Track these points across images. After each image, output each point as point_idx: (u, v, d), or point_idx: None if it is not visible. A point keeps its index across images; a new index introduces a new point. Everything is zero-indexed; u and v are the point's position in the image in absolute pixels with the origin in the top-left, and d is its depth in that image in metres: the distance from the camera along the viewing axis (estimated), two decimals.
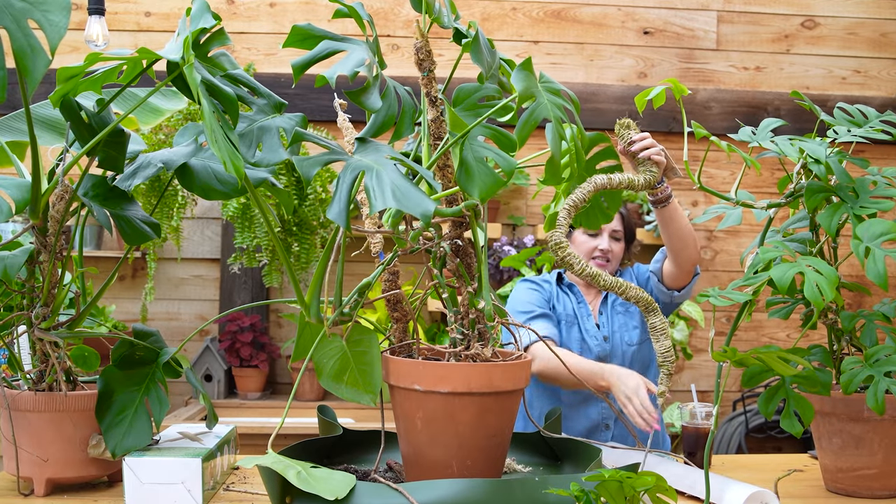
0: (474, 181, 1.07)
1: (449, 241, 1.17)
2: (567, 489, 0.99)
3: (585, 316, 2.35)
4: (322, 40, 1.08)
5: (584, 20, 3.81)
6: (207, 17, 1.16)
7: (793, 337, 3.84)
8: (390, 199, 0.94)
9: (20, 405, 1.35)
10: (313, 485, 1.00)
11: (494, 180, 1.08)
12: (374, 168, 0.99)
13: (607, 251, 2.34)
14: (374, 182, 0.97)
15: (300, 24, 1.08)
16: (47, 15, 0.94)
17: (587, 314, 2.36)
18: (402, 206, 0.93)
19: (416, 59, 1.14)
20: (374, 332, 1.19)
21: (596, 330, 2.34)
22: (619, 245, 2.38)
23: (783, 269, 1.26)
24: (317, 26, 1.09)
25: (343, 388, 1.16)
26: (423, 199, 0.95)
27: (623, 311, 2.40)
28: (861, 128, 1.50)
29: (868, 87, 3.91)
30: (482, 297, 1.17)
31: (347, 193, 0.98)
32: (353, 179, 1.00)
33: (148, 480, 1.27)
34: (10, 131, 1.55)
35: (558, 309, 2.34)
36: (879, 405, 1.33)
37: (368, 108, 1.07)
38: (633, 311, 2.41)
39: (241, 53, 3.69)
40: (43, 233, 1.34)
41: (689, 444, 1.81)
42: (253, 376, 3.46)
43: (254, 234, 3.01)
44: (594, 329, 2.34)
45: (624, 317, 2.39)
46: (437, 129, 1.16)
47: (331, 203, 0.98)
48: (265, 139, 1.09)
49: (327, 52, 1.07)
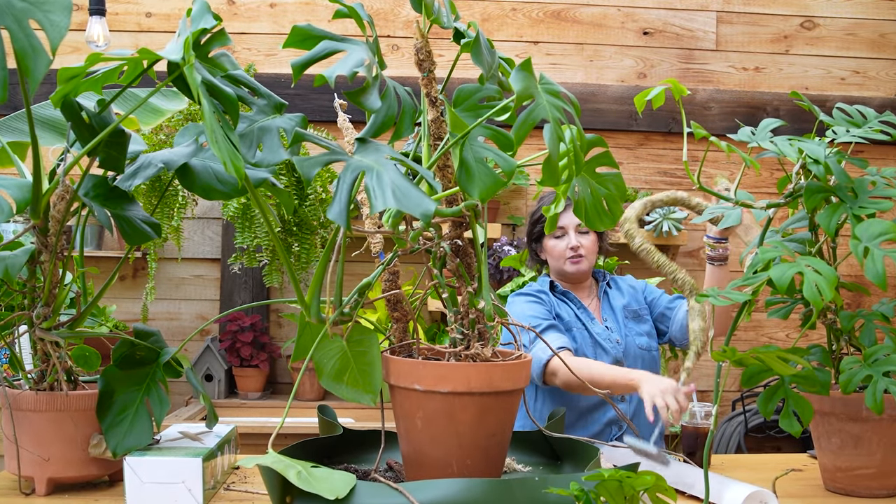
0: (474, 181, 1.07)
1: (449, 241, 1.18)
2: (567, 489, 1.00)
3: (590, 320, 2.35)
4: (322, 41, 1.08)
5: (584, 21, 3.81)
6: (208, 18, 1.16)
7: (792, 337, 3.84)
8: (391, 200, 0.94)
9: (21, 405, 1.35)
10: (314, 484, 1.01)
11: (494, 181, 1.08)
12: (375, 168, 0.99)
13: (577, 247, 2.34)
14: (374, 182, 0.97)
15: (300, 25, 1.08)
16: (48, 15, 0.95)
17: (591, 318, 2.36)
18: (402, 206, 0.94)
19: (416, 59, 1.15)
20: (375, 332, 1.19)
21: (607, 332, 2.34)
22: (588, 238, 2.37)
23: (782, 269, 1.26)
24: (317, 27, 1.09)
25: (343, 388, 1.17)
26: (424, 199, 0.95)
27: (631, 316, 2.40)
28: (860, 128, 1.50)
29: (867, 88, 3.91)
30: (482, 297, 1.17)
31: (348, 193, 0.99)
32: (354, 180, 1.00)
33: (149, 480, 1.28)
34: (11, 132, 1.56)
35: (564, 317, 2.33)
36: (878, 405, 1.33)
37: (368, 108, 1.08)
38: (645, 317, 2.41)
39: (241, 54, 3.69)
40: (44, 233, 1.35)
41: (688, 443, 1.82)
42: (253, 376, 3.47)
43: (254, 234, 3.02)
44: (605, 332, 2.34)
45: (633, 322, 2.39)
46: (437, 129, 1.17)
47: (331, 203, 0.98)
48: (265, 139, 1.09)
49: (326, 52, 1.08)
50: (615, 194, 1.21)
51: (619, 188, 1.22)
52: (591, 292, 2.46)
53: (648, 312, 2.45)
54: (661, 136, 3.81)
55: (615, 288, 2.48)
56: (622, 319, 2.38)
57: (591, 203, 1.18)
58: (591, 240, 2.37)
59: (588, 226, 1.21)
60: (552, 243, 2.38)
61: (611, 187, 1.22)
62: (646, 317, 2.43)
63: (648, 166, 3.82)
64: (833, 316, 1.48)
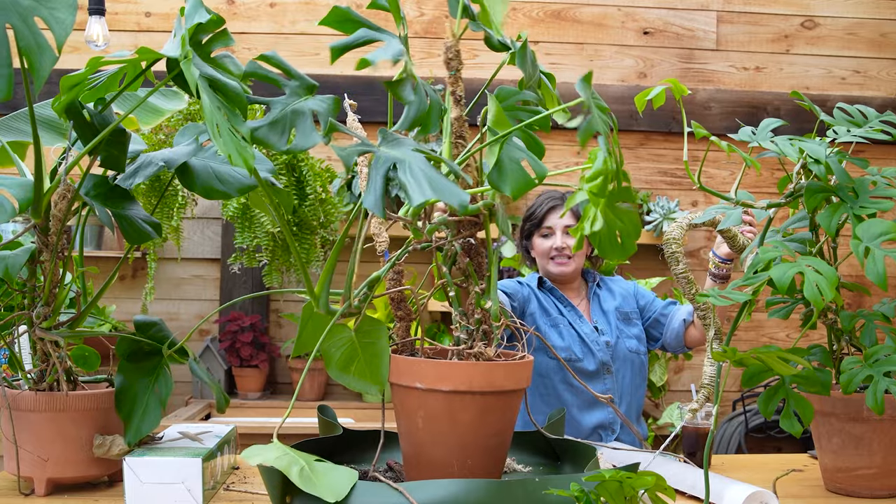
0: (507, 178, 1.08)
1: (461, 240, 1.18)
2: (567, 489, 1.00)
3: (577, 318, 2.35)
4: (360, 27, 1.09)
5: (584, 20, 3.81)
6: (202, 13, 1.16)
7: (792, 337, 3.84)
8: (428, 191, 0.95)
9: (21, 405, 1.35)
10: (315, 483, 1.00)
11: (527, 180, 1.09)
12: (406, 160, 1.00)
13: (562, 248, 2.34)
14: (408, 174, 0.98)
15: (340, 6, 1.09)
16: (54, 13, 0.95)
17: (578, 316, 2.35)
18: (441, 196, 0.95)
19: (445, 57, 1.16)
20: (384, 324, 1.19)
21: (595, 335, 2.33)
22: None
23: (783, 268, 1.26)
24: (355, 11, 1.10)
25: (350, 378, 1.17)
26: (458, 190, 0.97)
27: (623, 319, 2.39)
28: (861, 128, 1.50)
29: (867, 88, 3.91)
30: (489, 298, 1.17)
31: (382, 183, 0.99)
32: (387, 170, 1.01)
33: (148, 480, 1.28)
34: (11, 131, 1.56)
35: (551, 313, 2.33)
36: (879, 405, 1.33)
37: (403, 98, 1.08)
38: (635, 321, 2.41)
39: (241, 54, 3.69)
40: (44, 232, 1.35)
41: (688, 443, 1.82)
42: (253, 376, 3.46)
43: (254, 234, 3.01)
44: (593, 333, 2.33)
45: (624, 324, 2.39)
46: (459, 127, 1.18)
47: (365, 193, 0.99)
48: (298, 124, 1.08)
49: (365, 39, 1.08)
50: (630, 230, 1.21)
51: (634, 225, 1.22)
52: (581, 293, 2.45)
53: (639, 316, 2.45)
54: (662, 135, 3.81)
55: (605, 289, 2.48)
56: (615, 321, 2.38)
57: (606, 234, 1.19)
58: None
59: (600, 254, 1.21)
60: (539, 241, 2.39)
61: (626, 222, 1.22)
62: (636, 320, 2.42)
63: (649, 166, 3.82)
64: (834, 316, 1.48)
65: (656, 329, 2.42)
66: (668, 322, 2.38)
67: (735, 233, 1.67)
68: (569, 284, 2.43)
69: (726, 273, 2.09)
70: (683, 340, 2.35)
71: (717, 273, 2.09)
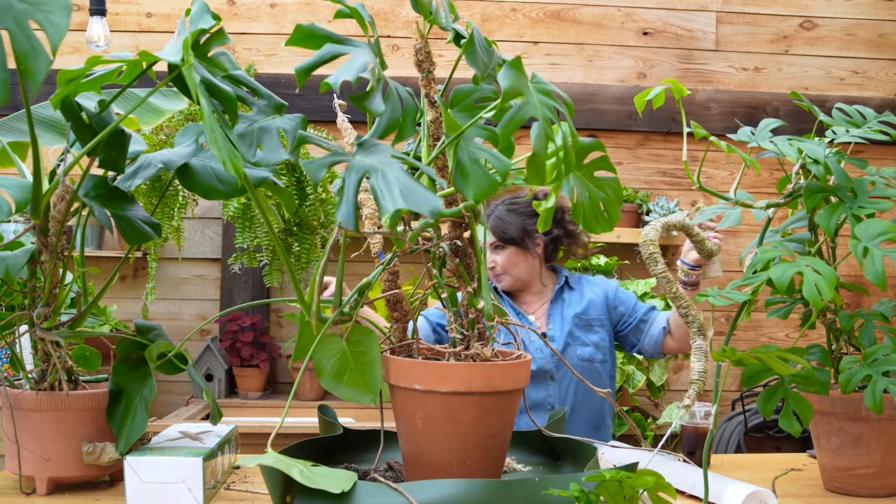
0: (469, 182, 1.07)
1: (448, 242, 1.18)
2: (567, 489, 1.00)
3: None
4: (325, 42, 1.08)
5: (584, 21, 3.81)
6: (207, 18, 1.16)
7: (791, 336, 3.85)
8: (399, 199, 0.94)
9: (22, 404, 1.35)
10: (317, 480, 1.01)
11: (489, 182, 1.07)
12: (380, 168, 1.00)
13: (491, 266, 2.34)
14: (380, 183, 0.97)
15: (303, 24, 1.08)
16: (48, 16, 0.95)
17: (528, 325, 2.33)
18: (410, 205, 0.94)
19: (416, 60, 1.15)
20: (374, 333, 1.19)
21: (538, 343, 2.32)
22: (502, 254, 2.36)
23: (782, 268, 1.27)
24: (320, 26, 1.09)
25: (343, 388, 1.17)
26: (431, 197, 0.95)
27: (582, 325, 2.37)
28: (859, 128, 1.50)
29: (866, 88, 3.91)
30: (482, 297, 1.17)
31: (354, 194, 0.99)
32: (359, 180, 1.00)
33: (149, 480, 1.28)
34: (11, 132, 1.56)
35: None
36: (877, 404, 1.33)
37: (372, 112, 1.08)
38: (597, 328, 2.38)
39: (241, 54, 3.69)
40: (44, 233, 1.35)
41: (688, 443, 1.82)
42: (253, 376, 3.47)
43: (254, 234, 3.02)
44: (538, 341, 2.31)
45: (582, 330, 2.36)
46: (436, 129, 1.17)
47: (338, 205, 0.98)
48: (265, 139, 1.09)
49: (330, 55, 1.07)
50: (613, 199, 1.21)
51: (616, 193, 1.22)
52: (542, 297, 2.44)
53: (607, 323, 2.42)
54: (661, 136, 3.81)
55: (576, 291, 2.45)
56: (570, 327, 2.36)
57: (589, 207, 1.18)
58: (506, 255, 2.36)
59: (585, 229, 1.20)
60: None
61: (608, 192, 1.22)
62: (598, 327, 2.39)
63: (648, 166, 3.82)
64: (832, 316, 1.49)
65: (635, 335, 2.41)
66: (647, 328, 2.38)
67: (702, 237, 1.69)
68: (525, 291, 2.43)
69: (696, 280, 2.10)
70: (661, 348, 2.36)
71: (686, 280, 2.11)
